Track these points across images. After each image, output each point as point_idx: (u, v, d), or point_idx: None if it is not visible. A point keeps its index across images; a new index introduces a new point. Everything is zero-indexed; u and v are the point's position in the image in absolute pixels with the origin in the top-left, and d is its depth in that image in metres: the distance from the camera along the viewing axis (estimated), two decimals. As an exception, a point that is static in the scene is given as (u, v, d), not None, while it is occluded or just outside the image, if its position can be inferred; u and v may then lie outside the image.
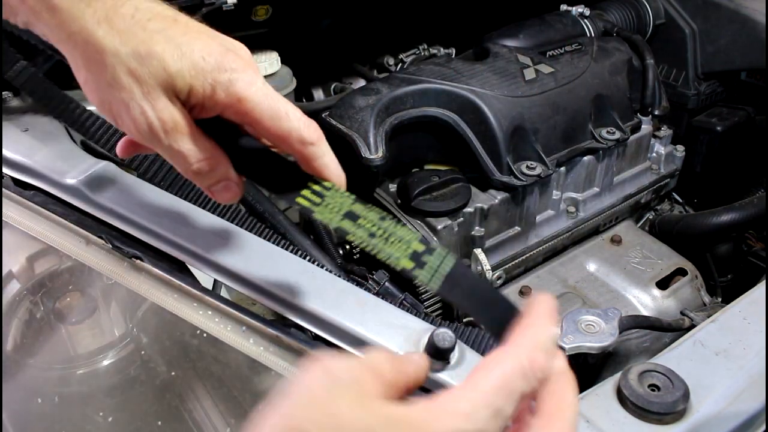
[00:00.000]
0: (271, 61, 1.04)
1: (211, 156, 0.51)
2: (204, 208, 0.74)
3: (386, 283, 0.88)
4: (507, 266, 0.96)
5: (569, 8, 1.24)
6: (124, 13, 0.47)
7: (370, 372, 0.37)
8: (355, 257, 1.02)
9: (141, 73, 0.47)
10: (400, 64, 1.31)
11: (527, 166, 0.94)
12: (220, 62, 0.49)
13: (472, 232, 0.93)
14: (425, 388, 0.58)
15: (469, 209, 0.93)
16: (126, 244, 0.69)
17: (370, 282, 0.87)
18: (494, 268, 0.93)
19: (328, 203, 0.52)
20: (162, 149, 0.50)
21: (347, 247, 1.02)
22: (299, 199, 0.52)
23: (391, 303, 0.64)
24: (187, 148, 0.50)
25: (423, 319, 0.63)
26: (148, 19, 0.48)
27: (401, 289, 0.78)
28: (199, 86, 0.48)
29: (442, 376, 0.57)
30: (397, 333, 0.60)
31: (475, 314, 0.47)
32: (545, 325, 0.39)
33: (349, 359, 0.37)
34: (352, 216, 0.51)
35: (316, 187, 0.53)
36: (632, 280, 1.00)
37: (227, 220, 0.82)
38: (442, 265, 0.48)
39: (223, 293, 0.68)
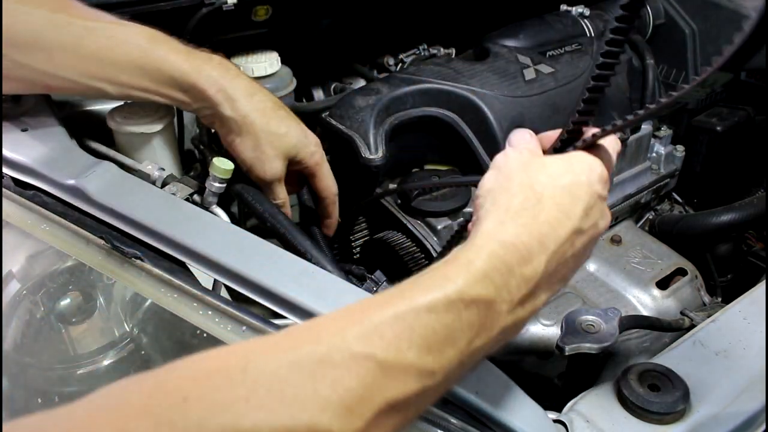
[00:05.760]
0: (271, 61, 1.04)
1: (286, 198, 0.87)
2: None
3: (384, 283, 0.88)
4: (507, 266, 0.96)
5: (569, 8, 1.24)
6: (268, 107, 0.82)
7: (535, 146, 0.60)
8: (354, 257, 1.02)
9: (276, 146, 0.82)
10: (400, 64, 1.31)
11: (527, 166, 0.94)
12: (310, 139, 0.86)
13: (472, 232, 0.93)
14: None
15: (469, 209, 0.93)
16: (126, 244, 0.69)
17: (368, 282, 0.87)
18: (494, 268, 0.93)
19: None
20: (267, 187, 0.85)
21: (349, 246, 1.02)
22: None
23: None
24: (278, 191, 0.85)
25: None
26: (278, 110, 0.83)
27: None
28: (303, 153, 0.85)
29: (442, 376, 0.57)
30: (397, 333, 0.60)
31: None
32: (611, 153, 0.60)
33: (518, 149, 0.59)
34: None
35: None
36: (632, 280, 1.00)
37: (227, 220, 0.82)
38: None
39: (223, 293, 0.68)
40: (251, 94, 0.81)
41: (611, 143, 0.59)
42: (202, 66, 0.79)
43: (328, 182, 0.89)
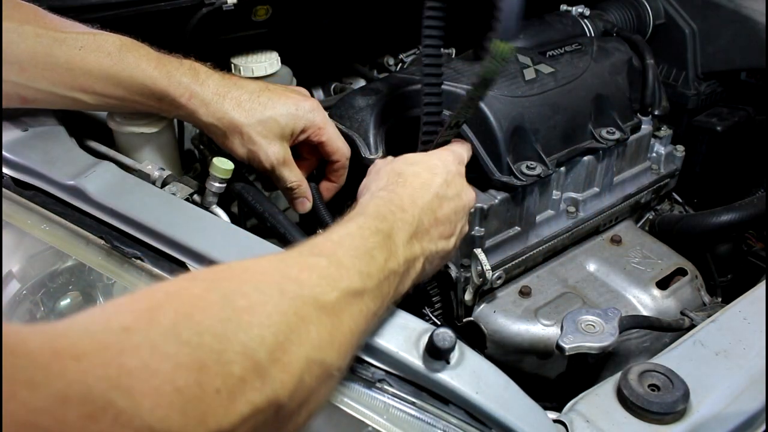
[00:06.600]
0: (271, 61, 1.04)
1: (297, 179, 0.85)
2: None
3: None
4: (507, 266, 0.96)
5: (569, 8, 1.24)
6: (244, 99, 0.81)
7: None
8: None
9: (265, 133, 0.81)
10: (400, 64, 1.31)
11: (527, 166, 0.94)
12: (304, 108, 0.83)
13: (472, 232, 0.93)
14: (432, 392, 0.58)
15: (469, 209, 0.93)
16: (126, 244, 0.69)
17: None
18: (494, 268, 0.93)
19: None
20: (273, 174, 0.84)
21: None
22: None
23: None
24: (286, 175, 0.84)
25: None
26: (258, 97, 0.81)
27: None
28: (299, 125, 0.83)
29: (443, 376, 0.57)
30: (397, 333, 0.60)
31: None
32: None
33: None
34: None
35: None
36: (632, 280, 1.00)
37: (227, 220, 0.82)
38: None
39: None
40: (223, 94, 0.80)
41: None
42: (173, 72, 0.78)
43: (337, 145, 0.87)
